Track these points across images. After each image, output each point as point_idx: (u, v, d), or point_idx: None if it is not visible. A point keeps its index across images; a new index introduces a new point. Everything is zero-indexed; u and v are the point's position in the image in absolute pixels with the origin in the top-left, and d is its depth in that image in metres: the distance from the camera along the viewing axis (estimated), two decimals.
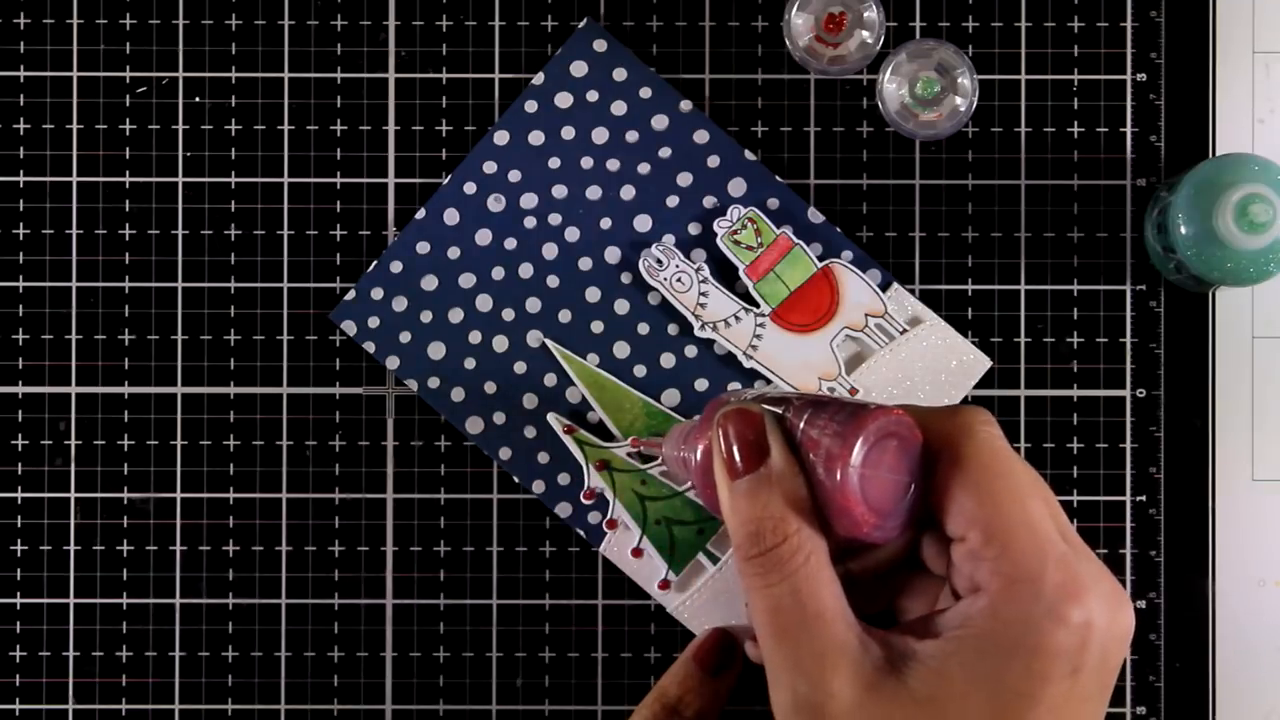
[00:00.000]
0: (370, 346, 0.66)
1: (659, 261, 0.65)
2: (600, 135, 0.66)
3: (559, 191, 0.66)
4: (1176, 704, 0.66)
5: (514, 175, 0.66)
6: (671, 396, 0.65)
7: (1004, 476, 0.49)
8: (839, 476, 0.48)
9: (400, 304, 0.66)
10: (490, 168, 0.66)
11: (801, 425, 0.50)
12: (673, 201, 0.66)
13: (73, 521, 0.66)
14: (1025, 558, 0.47)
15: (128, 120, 0.66)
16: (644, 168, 0.66)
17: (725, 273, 0.65)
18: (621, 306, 0.66)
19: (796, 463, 0.50)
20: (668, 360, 0.65)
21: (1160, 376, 0.66)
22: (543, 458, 0.65)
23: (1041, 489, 0.49)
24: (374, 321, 0.66)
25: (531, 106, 0.66)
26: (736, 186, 0.66)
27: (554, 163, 0.66)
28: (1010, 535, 0.47)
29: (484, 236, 0.66)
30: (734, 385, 0.65)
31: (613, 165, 0.66)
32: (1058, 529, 0.48)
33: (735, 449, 0.51)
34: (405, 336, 0.66)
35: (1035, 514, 0.48)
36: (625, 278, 0.66)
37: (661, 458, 0.58)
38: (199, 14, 0.66)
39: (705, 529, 0.65)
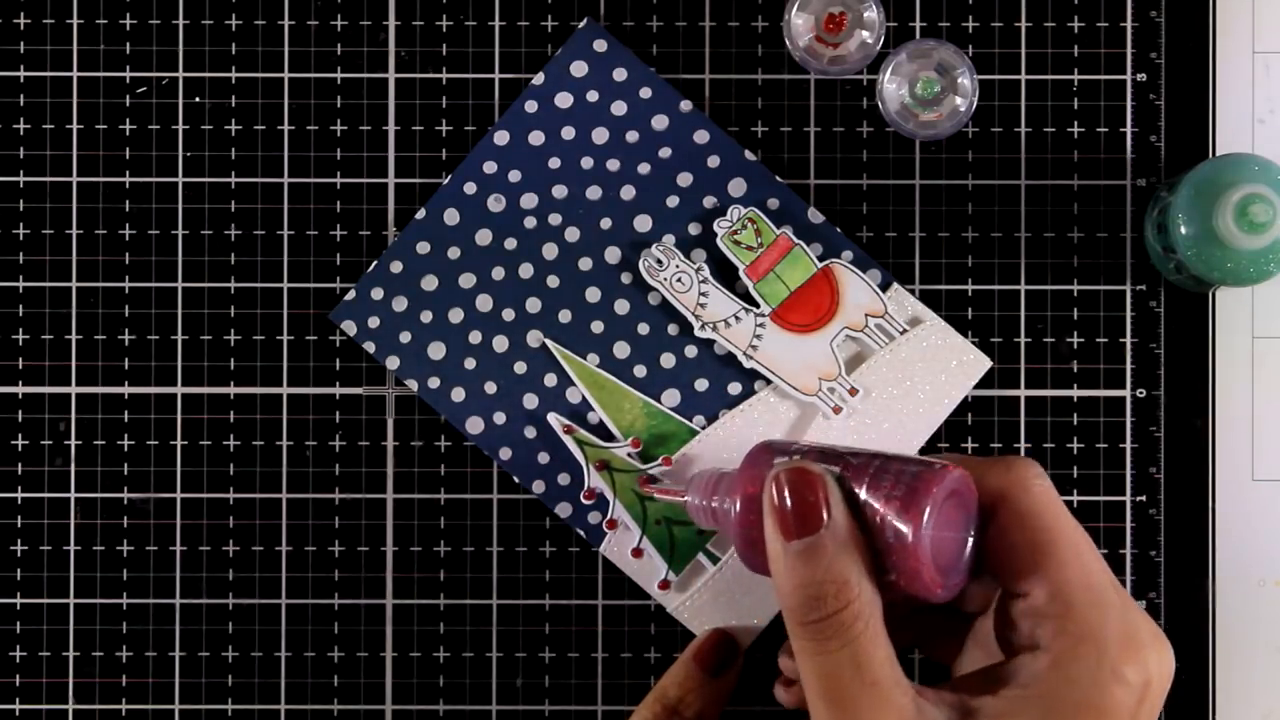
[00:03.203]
0: (370, 346, 0.66)
1: (659, 261, 0.65)
2: (600, 135, 0.66)
3: (559, 191, 0.66)
4: (1176, 704, 0.66)
5: (514, 175, 0.66)
6: (671, 396, 0.65)
7: (1065, 535, 0.49)
8: (911, 540, 0.48)
9: (400, 304, 0.66)
10: (490, 168, 0.66)
11: (863, 490, 0.50)
12: (673, 201, 0.66)
13: (73, 521, 0.66)
14: (1089, 617, 0.47)
15: (128, 120, 0.66)
16: (644, 168, 0.66)
17: (725, 273, 0.65)
18: (621, 306, 0.66)
19: (857, 525, 0.49)
20: (668, 360, 0.65)
21: (1160, 376, 0.66)
22: (543, 458, 0.65)
23: (1090, 543, 0.50)
24: (374, 321, 0.66)
25: (531, 106, 0.66)
26: (736, 186, 0.66)
27: (554, 163, 0.66)
28: (1074, 595, 0.48)
29: (484, 236, 0.66)
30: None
31: (613, 165, 0.66)
32: (1110, 583, 0.49)
33: (791, 508, 0.50)
34: (405, 336, 0.66)
35: (1096, 572, 0.48)
36: (625, 278, 0.66)
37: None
38: (199, 14, 0.66)
39: (705, 529, 0.64)
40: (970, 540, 0.50)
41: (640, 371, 0.66)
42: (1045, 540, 0.49)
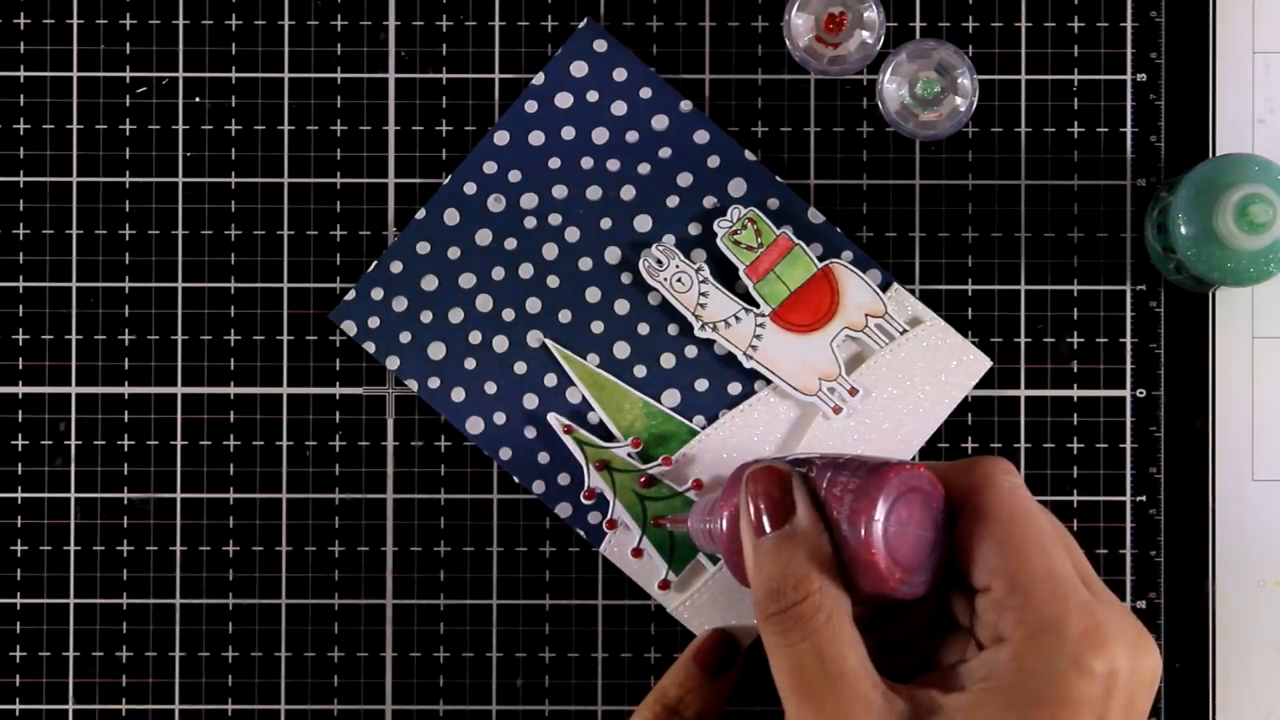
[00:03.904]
0: (370, 346, 0.66)
1: (659, 261, 0.65)
2: (600, 135, 0.66)
3: (559, 191, 0.66)
4: (1176, 704, 0.66)
5: (514, 175, 0.66)
6: (671, 396, 0.65)
7: (1026, 525, 0.49)
8: (863, 532, 0.49)
9: (400, 304, 0.66)
10: (490, 168, 0.66)
11: (825, 484, 0.50)
12: (673, 201, 0.66)
13: (73, 521, 0.66)
14: (1048, 607, 0.47)
15: (128, 120, 0.66)
16: (644, 168, 0.66)
17: (725, 273, 0.65)
18: (621, 306, 0.66)
19: (821, 520, 0.50)
20: (668, 360, 0.65)
21: (1160, 376, 0.66)
22: (543, 458, 0.65)
23: (1063, 536, 0.50)
24: (374, 321, 0.66)
25: (531, 106, 0.66)
26: (736, 186, 0.66)
27: (554, 163, 0.66)
28: (1033, 584, 0.48)
29: (484, 236, 0.66)
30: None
31: (613, 165, 0.66)
32: (1081, 576, 0.48)
33: (761, 507, 0.51)
34: (405, 336, 0.66)
35: (1058, 562, 0.48)
36: (625, 278, 0.66)
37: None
38: (199, 14, 0.66)
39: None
40: (937, 539, 0.50)
41: (640, 371, 0.66)
42: (1005, 532, 0.49)
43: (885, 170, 0.66)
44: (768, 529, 0.51)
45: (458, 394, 0.65)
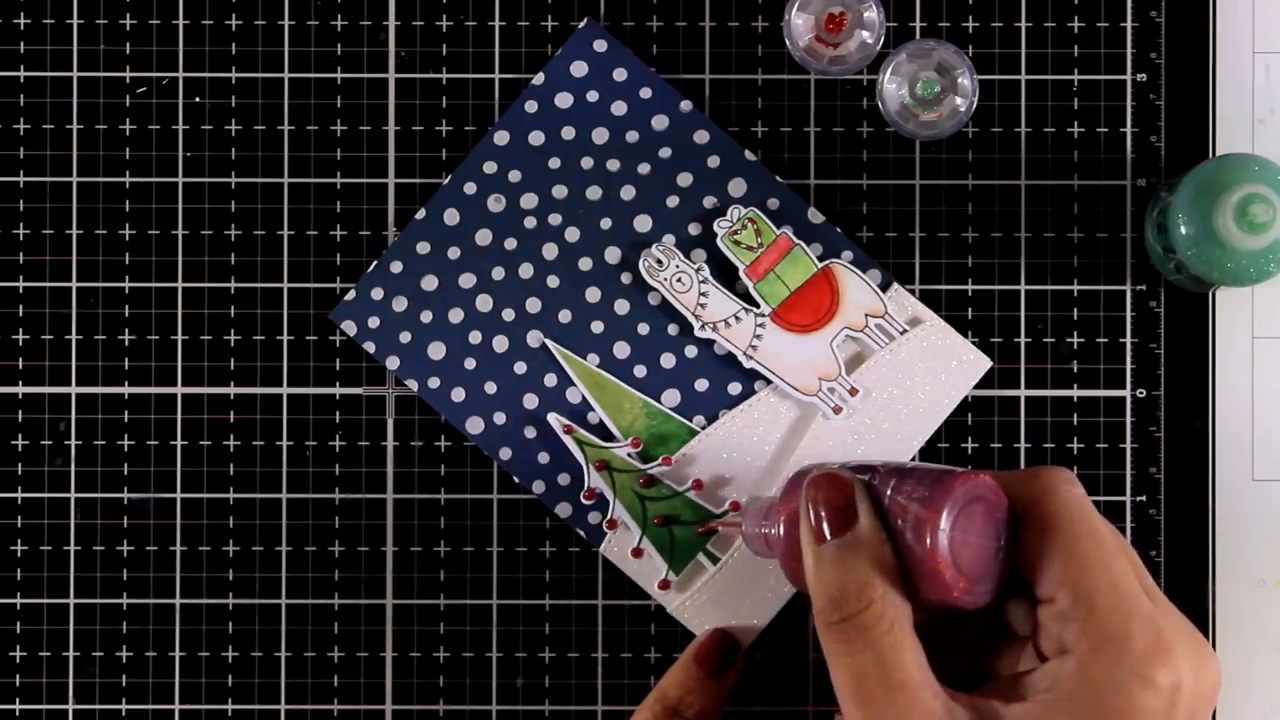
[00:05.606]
0: (370, 346, 0.66)
1: (659, 261, 0.65)
2: (600, 135, 0.66)
3: (559, 191, 0.66)
4: None
5: (514, 175, 0.66)
6: (671, 396, 0.65)
7: (1090, 537, 0.49)
8: (928, 541, 0.49)
9: (400, 304, 0.66)
10: (490, 168, 0.66)
11: (888, 492, 0.50)
12: (673, 201, 0.66)
13: (73, 521, 0.66)
14: (1112, 619, 0.47)
15: (128, 120, 0.66)
16: (644, 168, 0.66)
17: (725, 273, 0.65)
18: (621, 306, 0.66)
19: (883, 529, 0.50)
20: (668, 360, 0.65)
21: (1160, 376, 0.66)
22: (543, 458, 0.65)
23: (1125, 547, 0.50)
24: (374, 321, 0.66)
25: (531, 106, 0.66)
26: (736, 186, 0.66)
27: (554, 163, 0.66)
28: (1097, 596, 0.48)
29: (484, 236, 0.66)
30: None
31: (613, 165, 0.66)
32: (1143, 587, 0.49)
33: (823, 514, 0.51)
34: (405, 336, 0.66)
35: (1121, 574, 0.48)
36: (625, 278, 0.66)
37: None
38: (199, 14, 0.66)
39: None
40: (1000, 549, 0.50)
41: (640, 371, 0.66)
42: (1068, 543, 0.49)
43: (885, 170, 0.66)
44: (829, 536, 0.50)
45: (458, 394, 0.65)
